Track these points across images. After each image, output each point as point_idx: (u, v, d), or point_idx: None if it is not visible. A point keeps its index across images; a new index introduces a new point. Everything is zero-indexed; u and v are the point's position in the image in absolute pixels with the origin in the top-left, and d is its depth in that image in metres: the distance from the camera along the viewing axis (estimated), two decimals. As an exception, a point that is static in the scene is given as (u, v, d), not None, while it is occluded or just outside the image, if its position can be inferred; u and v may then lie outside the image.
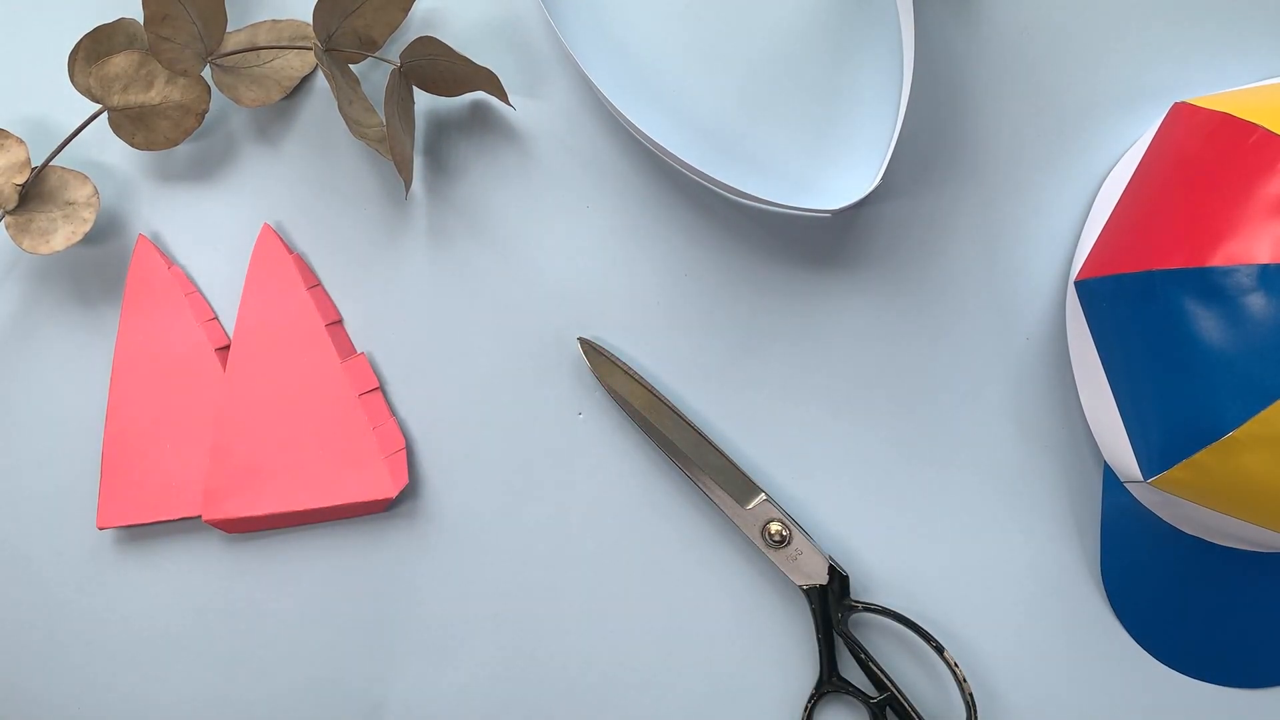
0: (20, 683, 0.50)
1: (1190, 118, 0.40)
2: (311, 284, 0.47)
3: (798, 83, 0.45)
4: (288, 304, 0.47)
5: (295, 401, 0.46)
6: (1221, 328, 0.35)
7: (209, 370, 0.48)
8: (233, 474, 0.47)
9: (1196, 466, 0.36)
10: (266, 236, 0.48)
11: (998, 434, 0.45)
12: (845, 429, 0.46)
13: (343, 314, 0.48)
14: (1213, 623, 0.43)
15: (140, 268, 0.48)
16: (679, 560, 0.47)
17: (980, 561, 0.45)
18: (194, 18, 0.43)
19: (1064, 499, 0.45)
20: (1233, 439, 0.35)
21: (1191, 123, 0.40)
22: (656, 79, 0.46)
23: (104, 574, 0.50)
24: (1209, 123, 0.39)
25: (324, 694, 0.48)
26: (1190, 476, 0.37)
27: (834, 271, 0.46)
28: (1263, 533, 0.38)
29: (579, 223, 0.47)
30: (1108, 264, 0.35)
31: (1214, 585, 0.43)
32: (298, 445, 0.46)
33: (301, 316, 0.47)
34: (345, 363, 0.47)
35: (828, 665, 0.45)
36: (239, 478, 0.47)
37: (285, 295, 0.47)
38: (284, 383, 0.47)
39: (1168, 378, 0.37)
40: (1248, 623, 0.43)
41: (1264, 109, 0.37)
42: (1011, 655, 0.45)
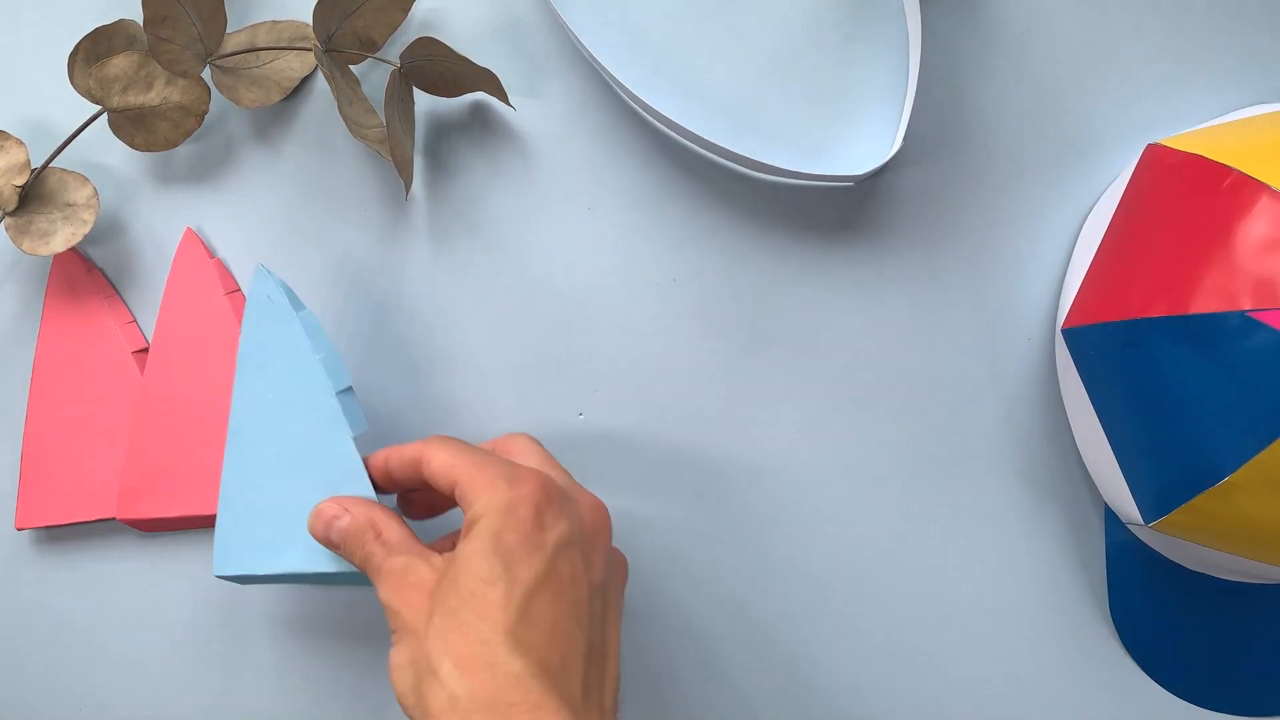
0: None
1: (1163, 160, 0.40)
2: (230, 289, 0.48)
3: (806, 59, 0.45)
4: (206, 309, 0.47)
5: (210, 406, 0.46)
6: (1210, 374, 0.35)
7: (127, 374, 0.48)
8: (148, 475, 0.47)
9: (1196, 510, 0.36)
10: (189, 241, 0.48)
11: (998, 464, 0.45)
12: (846, 432, 0.46)
13: (342, 313, 0.48)
14: (1221, 653, 0.43)
15: (61, 271, 0.48)
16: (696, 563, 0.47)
17: (988, 590, 0.45)
18: (194, 19, 0.43)
19: (1068, 532, 0.45)
20: (1231, 483, 0.35)
21: (1165, 165, 0.39)
22: (665, 57, 0.46)
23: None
24: (1182, 165, 0.38)
25: (315, 693, 0.48)
26: (1190, 520, 0.37)
27: (835, 274, 0.46)
28: (1265, 568, 0.38)
29: (579, 223, 0.47)
30: (1092, 312, 0.34)
31: (1220, 617, 0.43)
32: (212, 449, 0.47)
33: (219, 322, 0.47)
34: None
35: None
36: (154, 479, 0.47)
37: (204, 300, 0.47)
38: (200, 387, 0.47)
39: (1162, 424, 0.37)
40: (1255, 652, 0.43)
41: (1236, 150, 0.37)
42: (1021, 685, 0.45)
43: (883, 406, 0.45)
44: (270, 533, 0.42)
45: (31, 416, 0.49)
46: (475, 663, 0.33)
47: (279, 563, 0.42)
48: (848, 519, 0.46)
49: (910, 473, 0.45)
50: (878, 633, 0.46)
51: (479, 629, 0.33)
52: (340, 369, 0.43)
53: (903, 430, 0.45)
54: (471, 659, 0.33)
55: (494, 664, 0.33)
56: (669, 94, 0.45)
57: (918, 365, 0.45)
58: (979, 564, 0.45)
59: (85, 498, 0.48)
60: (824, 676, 0.46)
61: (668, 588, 0.47)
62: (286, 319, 0.42)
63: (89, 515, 0.48)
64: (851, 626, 0.46)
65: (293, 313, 0.42)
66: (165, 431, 0.47)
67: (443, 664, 0.33)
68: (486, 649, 0.33)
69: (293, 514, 0.42)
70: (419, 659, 0.34)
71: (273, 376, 0.42)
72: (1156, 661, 0.44)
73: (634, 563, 0.47)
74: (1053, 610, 0.45)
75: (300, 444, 0.42)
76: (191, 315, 0.47)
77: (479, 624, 0.34)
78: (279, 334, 0.42)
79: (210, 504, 0.46)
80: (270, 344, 0.43)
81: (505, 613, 0.34)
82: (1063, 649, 0.45)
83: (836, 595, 0.46)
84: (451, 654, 0.33)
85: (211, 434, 0.47)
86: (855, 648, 0.46)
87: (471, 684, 0.33)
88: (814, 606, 0.46)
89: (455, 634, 0.34)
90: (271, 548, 0.42)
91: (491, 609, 0.34)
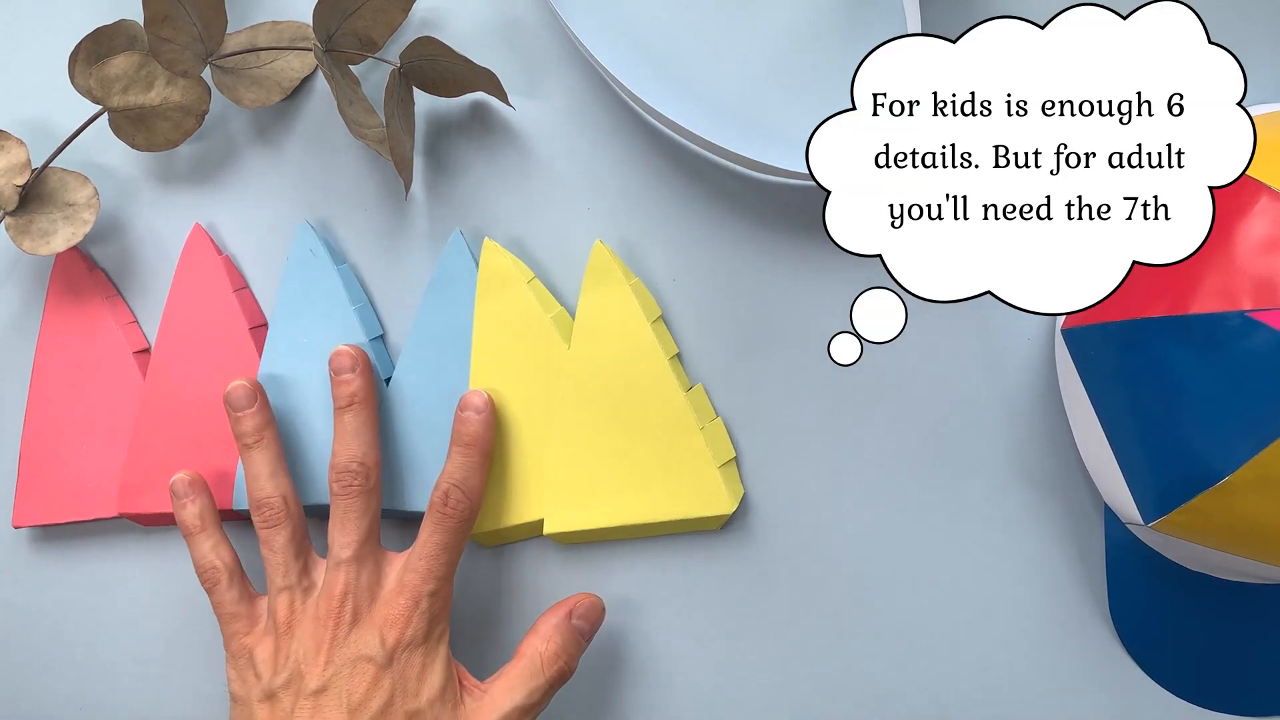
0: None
1: None
2: (239, 286, 0.48)
3: (806, 59, 0.45)
4: (213, 304, 0.47)
5: (215, 400, 0.46)
6: (1210, 375, 0.35)
7: (127, 374, 0.48)
8: (150, 469, 0.47)
9: (1195, 510, 0.36)
10: (197, 236, 0.48)
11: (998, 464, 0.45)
12: (846, 432, 0.46)
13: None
14: (1221, 653, 0.43)
15: (62, 271, 0.48)
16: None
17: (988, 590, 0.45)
18: (194, 19, 0.43)
19: (1068, 532, 0.45)
20: (1230, 483, 0.35)
21: None
22: (665, 57, 0.46)
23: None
24: None
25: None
26: (1189, 520, 0.36)
27: (835, 273, 0.46)
28: (1264, 567, 0.38)
29: (579, 223, 0.47)
30: (1092, 312, 0.34)
31: (1220, 617, 0.43)
32: (216, 444, 0.47)
33: (226, 317, 0.47)
34: (260, 366, 0.47)
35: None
36: (156, 473, 0.47)
37: (211, 295, 0.47)
38: (205, 381, 0.47)
39: (1161, 424, 0.37)
40: (1255, 652, 0.43)
41: None
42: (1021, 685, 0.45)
43: (883, 406, 0.45)
44: (295, 469, 0.46)
45: (31, 415, 0.49)
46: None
47: (303, 497, 0.45)
48: (847, 519, 0.46)
49: (910, 472, 0.45)
50: (877, 632, 0.46)
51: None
52: (373, 319, 0.47)
53: (902, 430, 0.45)
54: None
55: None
56: (669, 94, 0.45)
57: (918, 365, 0.45)
58: (979, 564, 0.45)
59: (83, 497, 0.48)
60: (823, 676, 0.46)
61: (665, 586, 0.47)
62: (326, 271, 0.46)
63: (87, 514, 0.48)
64: (851, 626, 0.46)
65: (333, 265, 0.46)
66: (169, 425, 0.47)
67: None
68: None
69: (318, 452, 0.46)
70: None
71: (309, 323, 0.46)
72: (1156, 661, 0.44)
73: (629, 553, 0.47)
74: (1053, 610, 0.45)
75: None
76: (198, 310, 0.47)
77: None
78: (318, 285, 0.46)
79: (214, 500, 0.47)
80: (308, 294, 0.46)
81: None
82: (1063, 649, 0.45)
83: (836, 594, 0.46)
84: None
85: (216, 429, 0.47)
86: (854, 647, 0.46)
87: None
88: (813, 606, 0.46)
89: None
90: (296, 483, 0.45)
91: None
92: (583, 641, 0.43)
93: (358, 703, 0.40)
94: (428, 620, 0.42)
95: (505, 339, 0.45)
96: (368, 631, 0.41)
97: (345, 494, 0.42)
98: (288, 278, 0.47)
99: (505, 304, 0.45)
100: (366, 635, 0.41)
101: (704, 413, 0.45)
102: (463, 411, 0.44)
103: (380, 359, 0.46)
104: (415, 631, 0.41)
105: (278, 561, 0.43)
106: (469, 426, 0.43)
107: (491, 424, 0.44)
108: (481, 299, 0.45)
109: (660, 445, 0.44)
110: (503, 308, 0.45)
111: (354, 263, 0.48)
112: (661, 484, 0.44)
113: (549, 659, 0.42)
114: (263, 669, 0.42)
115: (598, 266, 0.45)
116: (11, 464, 0.49)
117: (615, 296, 0.44)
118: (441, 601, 0.42)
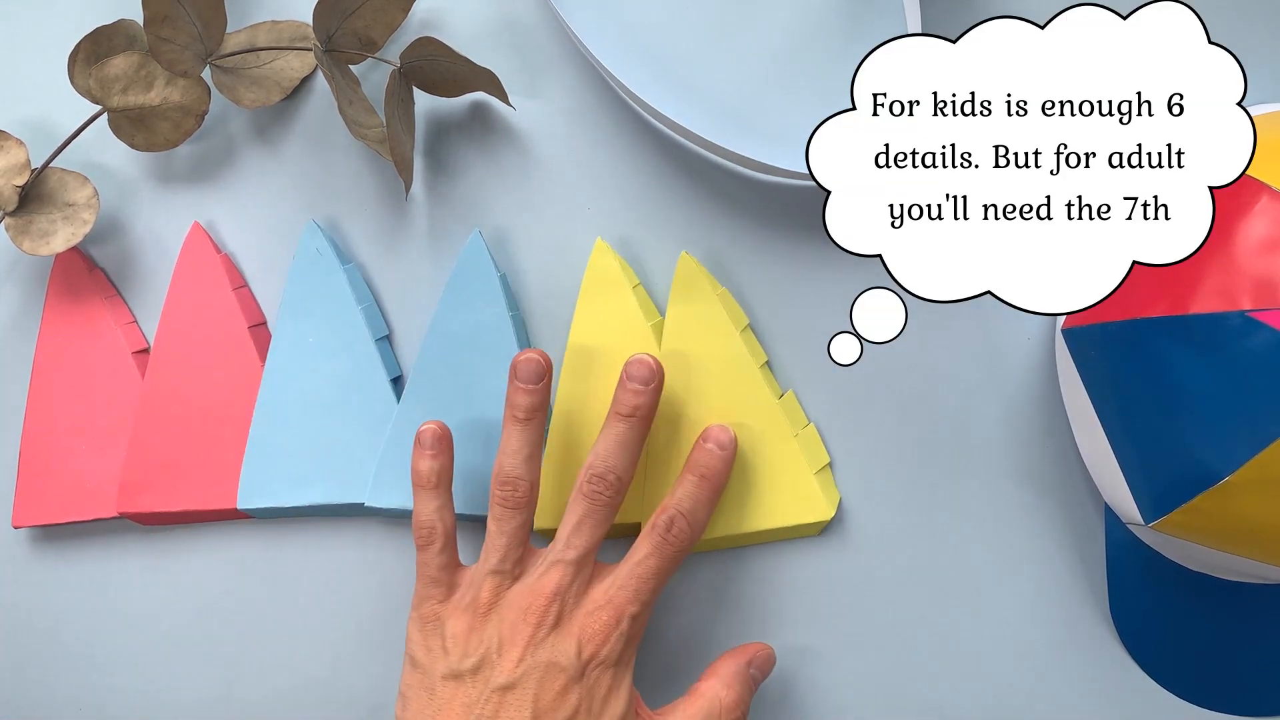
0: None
1: None
2: (238, 285, 0.48)
3: (806, 59, 0.45)
4: (212, 303, 0.47)
5: (214, 399, 0.47)
6: (1209, 375, 0.35)
7: (127, 374, 0.48)
8: (150, 468, 0.47)
9: (1195, 511, 0.36)
10: (195, 235, 0.48)
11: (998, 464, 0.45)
12: (846, 432, 0.46)
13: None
14: (1221, 653, 0.43)
15: (62, 271, 0.48)
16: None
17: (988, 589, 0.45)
18: (194, 19, 0.43)
19: (1068, 532, 0.45)
20: (1230, 484, 0.34)
21: None
22: (665, 57, 0.46)
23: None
24: None
25: (317, 694, 0.48)
26: (1190, 520, 0.36)
27: (835, 273, 0.46)
28: (1265, 568, 0.38)
29: (579, 223, 0.47)
30: (1093, 312, 0.34)
31: (1220, 617, 0.43)
32: (216, 443, 0.47)
33: (225, 315, 0.47)
34: (265, 364, 0.47)
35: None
36: (156, 472, 0.47)
37: (210, 294, 0.47)
38: (204, 380, 0.47)
39: (1161, 424, 0.37)
40: (1255, 652, 0.43)
41: None
42: (1021, 685, 0.45)
43: (883, 406, 0.45)
44: (299, 468, 0.46)
45: (30, 415, 0.49)
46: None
47: (306, 495, 0.46)
48: (847, 518, 0.46)
49: (910, 472, 0.45)
50: (876, 632, 0.46)
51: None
52: (378, 318, 0.47)
53: (903, 430, 0.45)
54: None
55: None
56: (669, 94, 0.45)
57: (918, 364, 0.45)
58: (979, 564, 0.45)
59: (83, 497, 0.48)
60: (822, 675, 0.46)
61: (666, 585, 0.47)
62: (332, 270, 0.46)
63: (86, 515, 0.48)
64: (850, 626, 0.46)
65: (339, 265, 0.46)
66: (168, 424, 0.47)
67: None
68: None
69: (323, 450, 0.46)
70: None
71: (314, 322, 0.46)
72: (1156, 661, 0.44)
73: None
74: (1053, 610, 0.45)
75: (337, 385, 0.46)
76: (197, 308, 0.47)
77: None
78: (324, 284, 0.46)
79: (213, 499, 0.47)
80: (314, 293, 0.46)
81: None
82: (1063, 649, 0.45)
83: (835, 594, 0.46)
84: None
85: (216, 428, 0.47)
86: (853, 647, 0.46)
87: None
88: (812, 605, 0.46)
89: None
90: (301, 482, 0.46)
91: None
92: (754, 692, 0.43)
93: (544, 709, 0.39)
94: (624, 641, 0.41)
95: (603, 341, 0.45)
96: (566, 639, 0.40)
97: (593, 499, 0.42)
98: (294, 276, 0.47)
99: (608, 307, 0.45)
100: (565, 643, 0.40)
101: (796, 420, 0.45)
102: (706, 443, 0.43)
103: (385, 357, 0.47)
104: (611, 650, 0.40)
105: (502, 545, 0.42)
106: (710, 459, 0.43)
107: (730, 462, 0.43)
108: (585, 298, 0.45)
109: (757, 454, 0.44)
110: (604, 310, 0.45)
111: (353, 264, 0.48)
112: (761, 493, 0.44)
113: (728, 707, 0.42)
114: (451, 645, 0.41)
115: (684, 277, 0.44)
116: (11, 464, 0.49)
117: (704, 307, 0.44)
118: (640, 626, 0.41)
